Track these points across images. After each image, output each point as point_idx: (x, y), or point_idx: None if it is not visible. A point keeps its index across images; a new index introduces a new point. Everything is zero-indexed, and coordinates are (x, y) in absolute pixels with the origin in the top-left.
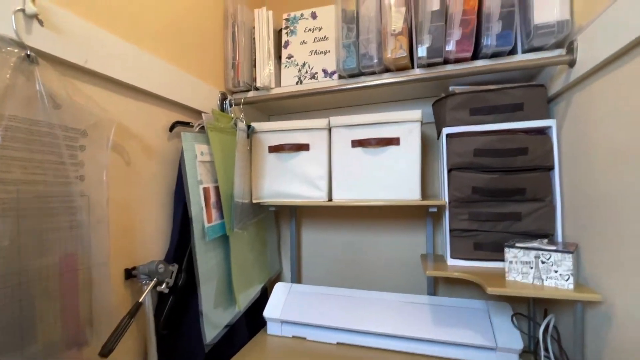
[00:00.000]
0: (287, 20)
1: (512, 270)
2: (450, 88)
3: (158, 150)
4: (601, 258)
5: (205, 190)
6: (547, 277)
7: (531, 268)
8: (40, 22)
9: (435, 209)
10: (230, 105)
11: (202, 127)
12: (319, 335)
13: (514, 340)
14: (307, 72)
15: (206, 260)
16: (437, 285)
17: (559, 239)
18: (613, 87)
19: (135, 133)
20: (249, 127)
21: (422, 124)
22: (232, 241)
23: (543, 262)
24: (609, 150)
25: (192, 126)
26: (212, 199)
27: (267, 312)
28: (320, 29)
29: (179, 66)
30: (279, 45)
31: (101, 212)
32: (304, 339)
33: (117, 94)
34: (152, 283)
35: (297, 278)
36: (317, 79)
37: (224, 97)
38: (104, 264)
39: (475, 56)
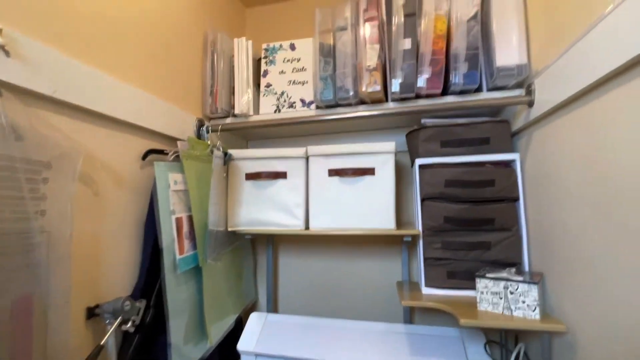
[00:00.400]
0: (266, 50)
1: (483, 300)
2: (423, 121)
3: (130, 180)
4: (564, 287)
5: (178, 220)
6: (515, 308)
7: (500, 298)
8: (7, 53)
9: (409, 238)
10: (207, 132)
11: (177, 156)
12: None
13: None
14: (285, 101)
15: (177, 294)
16: (413, 313)
17: (526, 267)
18: (564, 129)
19: (106, 162)
20: (225, 154)
21: (397, 152)
22: (205, 273)
23: (512, 293)
24: (562, 185)
25: (167, 153)
26: (185, 229)
27: (241, 345)
28: (298, 60)
29: (154, 93)
30: (258, 74)
31: (63, 248)
32: None
33: (87, 123)
34: (117, 322)
35: (273, 306)
36: (295, 108)
37: (200, 124)
38: (64, 303)
39: (445, 92)
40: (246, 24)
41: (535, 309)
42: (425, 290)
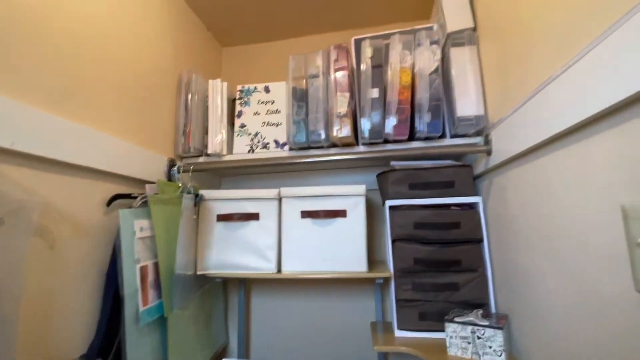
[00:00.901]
0: (241, 91)
1: (453, 345)
2: (392, 163)
3: (93, 228)
4: (528, 329)
5: (143, 268)
6: (483, 353)
7: (469, 343)
8: None
9: (382, 280)
10: (179, 172)
11: (146, 201)
12: None
13: None
14: (259, 141)
15: (138, 348)
16: (387, 355)
17: (493, 309)
18: (519, 178)
19: (66, 211)
20: (197, 195)
21: (369, 190)
22: (171, 323)
23: (479, 338)
24: (518, 228)
25: (135, 197)
26: (150, 277)
27: None
28: (272, 102)
29: (122, 136)
30: (232, 114)
31: (10, 309)
32: None
33: (49, 173)
34: None
35: (245, 350)
36: (269, 148)
37: (172, 164)
38: None
39: (412, 137)
40: (222, 63)
41: (501, 354)
42: (398, 333)
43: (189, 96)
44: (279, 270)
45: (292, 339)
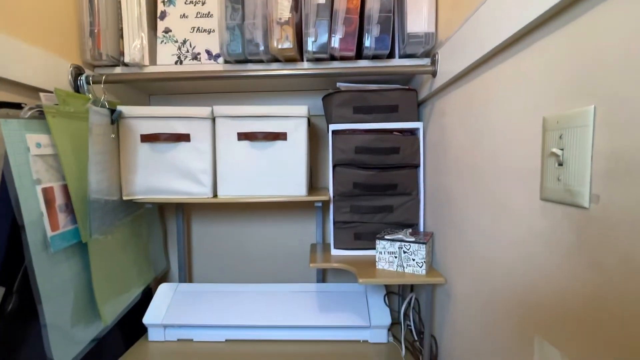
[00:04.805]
0: None
1: (381, 259)
2: (338, 84)
3: None
4: (447, 245)
5: (47, 191)
6: (407, 265)
7: (395, 257)
8: None
9: (320, 204)
10: (89, 83)
11: (42, 112)
12: (207, 335)
13: (384, 318)
14: (188, 51)
15: (53, 275)
16: (325, 273)
17: (421, 228)
18: (457, 100)
19: None
20: (113, 110)
21: (316, 116)
22: (92, 249)
23: (405, 252)
24: (451, 154)
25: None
26: (59, 201)
27: (147, 319)
28: (203, 3)
29: (8, 30)
30: (154, 15)
31: None
32: (191, 340)
33: None
34: None
35: (187, 276)
36: (199, 60)
37: (78, 72)
38: None
39: (359, 56)
40: None
41: (422, 265)
42: (335, 252)
43: None
44: (215, 195)
45: (235, 262)
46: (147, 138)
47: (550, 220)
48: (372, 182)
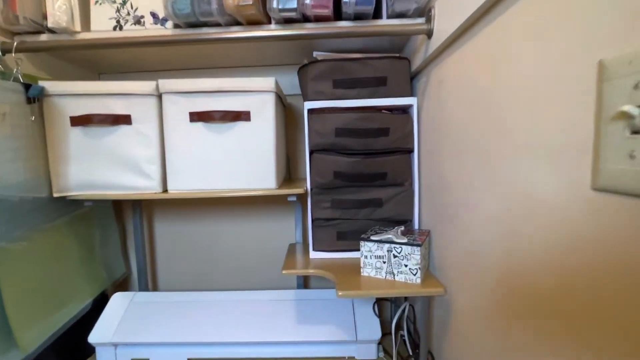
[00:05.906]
0: None
1: (367, 265)
2: (314, 54)
3: None
4: (447, 245)
5: None
6: (398, 272)
7: (384, 262)
8: None
9: (294, 198)
10: (3, 54)
11: None
12: (166, 354)
13: (373, 331)
14: (129, 14)
15: None
16: (307, 277)
17: (416, 225)
18: (460, 64)
19: None
20: (28, 86)
21: (291, 97)
22: (2, 260)
23: (395, 256)
24: (451, 132)
25: None
26: None
27: (94, 336)
28: None
29: None
30: None
31: None
32: None
33: None
34: None
35: (151, 282)
36: (143, 24)
37: None
38: None
39: (339, 17)
40: None
41: (416, 272)
42: (313, 255)
43: None
44: (165, 190)
45: (206, 266)
46: (78, 121)
47: (609, 221)
48: (357, 171)
